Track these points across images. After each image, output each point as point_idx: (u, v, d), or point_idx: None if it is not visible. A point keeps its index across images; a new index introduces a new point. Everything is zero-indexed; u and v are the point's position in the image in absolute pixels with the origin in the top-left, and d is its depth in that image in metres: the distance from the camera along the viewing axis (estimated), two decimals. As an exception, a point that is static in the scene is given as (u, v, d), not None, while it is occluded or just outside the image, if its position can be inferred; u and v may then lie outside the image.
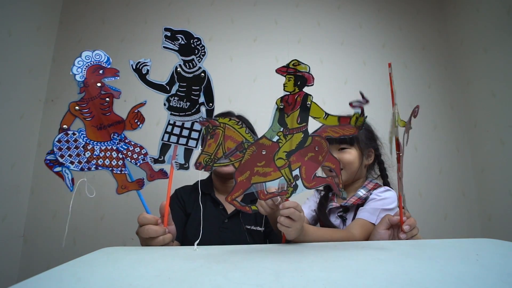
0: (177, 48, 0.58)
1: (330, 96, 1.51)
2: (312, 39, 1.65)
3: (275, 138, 0.55)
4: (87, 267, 0.37)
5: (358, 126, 0.56)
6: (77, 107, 0.56)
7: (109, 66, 0.59)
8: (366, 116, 0.56)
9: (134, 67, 0.59)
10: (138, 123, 0.60)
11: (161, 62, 1.70)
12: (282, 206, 0.56)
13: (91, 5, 1.65)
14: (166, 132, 0.60)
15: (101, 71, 0.58)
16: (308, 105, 0.55)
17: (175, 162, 0.60)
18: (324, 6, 1.70)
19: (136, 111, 0.60)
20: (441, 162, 1.55)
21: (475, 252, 0.41)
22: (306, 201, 0.96)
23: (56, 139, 0.56)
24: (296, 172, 0.56)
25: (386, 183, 0.87)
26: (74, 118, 0.57)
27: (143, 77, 0.58)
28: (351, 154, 0.84)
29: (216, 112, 0.66)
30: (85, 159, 0.56)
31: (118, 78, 0.59)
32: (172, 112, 0.59)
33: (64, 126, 0.56)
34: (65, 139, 0.56)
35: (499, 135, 1.38)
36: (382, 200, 0.78)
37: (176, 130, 0.59)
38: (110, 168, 0.58)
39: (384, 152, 0.90)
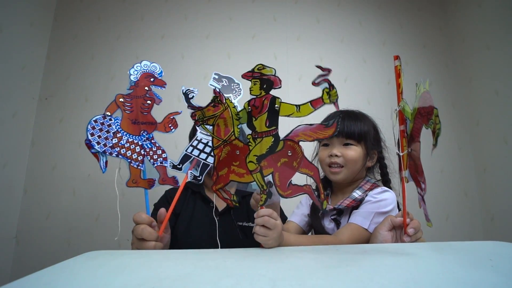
0: (220, 87, 0.70)
1: (330, 94, 1.48)
2: (311, 36, 1.63)
3: (247, 141, 0.56)
4: (65, 274, 0.33)
5: (333, 101, 0.54)
6: (121, 99, 0.64)
7: (160, 78, 0.68)
8: (332, 87, 0.53)
9: (183, 91, 0.69)
10: (172, 127, 0.67)
11: (157, 60, 1.67)
12: (256, 215, 0.55)
13: (86, 1, 1.62)
14: (191, 145, 0.68)
15: (152, 79, 0.67)
16: (277, 108, 0.55)
17: (191, 172, 0.67)
18: (324, 3, 1.68)
19: (172, 117, 0.68)
20: (442, 162, 1.52)
21: (488, 256, 0.38)
22: (298, 205, 0.90)
23: (94, 119, 0.61)
24: (269, 178, 0.55)
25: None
26: (117, 108, 0.63)
27: (188, 100, 0.68)
28: (356, 152, 0.78)
29: None
30: (111, 144, 0.61)
31: (165, 88, 0.68)
32: (201, 131, 0.68)
33: (108, 113, 0.63)
34: (101, 121, 0.62)
35: (502, 134, 1.36)
36: (377, 203, 0.73)
37: (200, 146, 0.68)
38: (129, 160, 0.62)
39: (387, 157, 0.86)
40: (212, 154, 0.66)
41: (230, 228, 0.81)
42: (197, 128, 0.67)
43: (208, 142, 0.68)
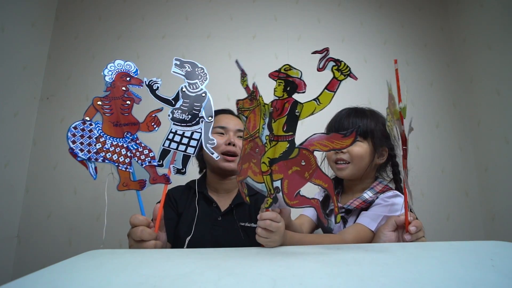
0: (183, 74, 0.68)
1: (331, 94, 1.48)
2: (312, 36, 1.62)
3: (264, 141, 0.55)
4: (66, 273, 0.33)
5: (347, 74, 0.51)
6: (99, 102, 0.61)
7: (136, 76, 0.66)
8: (339, 61, 0.51)
9: (146, 83, 0.67)
10: (155, 126, 0.65)
11: (157, 60, 1.67)
12: (259, 217, 0.55)
13: (87, 1, 1.62)
14: (167, 139, 0.65)
15: (128, 78, 0.65)
16: (297, 113, 0.52)
17: (173, 166, 0.65)
18: (325, 2, 1.67)
19: (153, 115, 0.65)
20: (443, 162, 1.52)
21: (489, 256, 0.38)
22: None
23: (73, 126, 0.59)
24: (278, 183, 0.53)
25: (398, 188, 0.80)
26: (96, 112, 0.61)
27: (153, 91, 0.67)
28: (362, 148, 0.78)
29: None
30: (95, 150, 0.59)
31: (142, 87, 0.66)
32: (174, 122, 0.66)
33: (86, 118, 0.60)
34: (81, 127, 0.59)
35: (503, 133, 1.35)
36: (388, 207, 0.72)
37: (177, 138, 0.65)
38: (117, 164, 0.61)
39: (400, 154, 0.85)
40: (190, 144, 0.65)
41: (232, 228, 0.81)
42: (169, 120, 0.66)
43: (184, 133, 0.65)
